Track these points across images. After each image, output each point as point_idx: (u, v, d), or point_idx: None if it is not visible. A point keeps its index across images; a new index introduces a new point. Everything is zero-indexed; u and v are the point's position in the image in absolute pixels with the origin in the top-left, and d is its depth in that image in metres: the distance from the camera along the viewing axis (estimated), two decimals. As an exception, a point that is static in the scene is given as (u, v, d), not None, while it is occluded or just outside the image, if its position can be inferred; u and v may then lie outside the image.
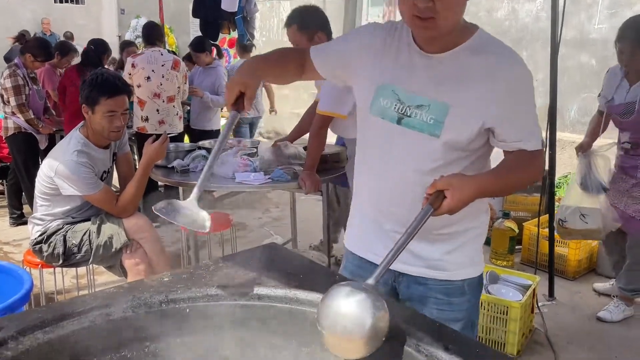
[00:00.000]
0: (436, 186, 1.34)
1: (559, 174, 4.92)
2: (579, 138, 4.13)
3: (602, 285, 4.05)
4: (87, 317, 1.29)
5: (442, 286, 1.65)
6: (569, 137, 6.12)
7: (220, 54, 6.98)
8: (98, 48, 5.70)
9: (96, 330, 1.28)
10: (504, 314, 3.15)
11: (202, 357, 1.36)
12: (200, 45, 5.95)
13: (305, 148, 3.62)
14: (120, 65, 7.06)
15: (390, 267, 1.56)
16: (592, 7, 6.20)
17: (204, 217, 1.46)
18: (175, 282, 1.49)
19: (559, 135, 4.30)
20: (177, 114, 5.34)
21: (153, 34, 5.40)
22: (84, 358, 1.26)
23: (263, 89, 7.21)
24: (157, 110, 5.18)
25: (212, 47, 6.10)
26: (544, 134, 3.53)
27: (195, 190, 1.50)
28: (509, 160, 1.54)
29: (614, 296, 3.78)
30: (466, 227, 1.64)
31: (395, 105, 1.53)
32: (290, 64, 1.72)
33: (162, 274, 1.59)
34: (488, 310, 3.16)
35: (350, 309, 1.14)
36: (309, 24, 3.22)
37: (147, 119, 5.19)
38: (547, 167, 3.89)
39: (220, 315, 1.39)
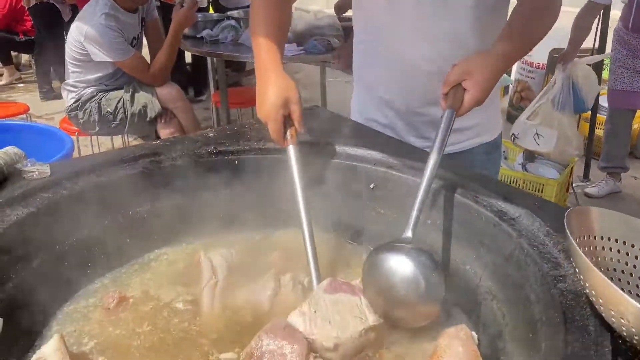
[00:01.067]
0: (450, 80, 1.12)
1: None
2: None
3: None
4: (138, 164, 1.28)
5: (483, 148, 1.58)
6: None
7: None
8: None
9: (148, 177, 1.27)
10: (539, 192, 3.12)
11: (250, 206, 1.36)
12: None
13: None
14: None
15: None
16: None
17: None
18: (221, 137, 1.45)
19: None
20: (203, -16, 5.08)
21: None
22: (136, 202, 1.26)
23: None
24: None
25: None
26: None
27: None
28: (521, 10, 1.30)
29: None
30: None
31: None
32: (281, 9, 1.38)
33: (206, 129, 1.55)
34: (524, 187, 3.14)
35: (398, 280, 0.96)
36: None
37: (174, -12, 4.93)
38: (595, 46, 3.66)
39: (269, 168, 1.37)
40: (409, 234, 1.01)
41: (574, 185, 3.54)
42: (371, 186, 1.33)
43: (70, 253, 1.12)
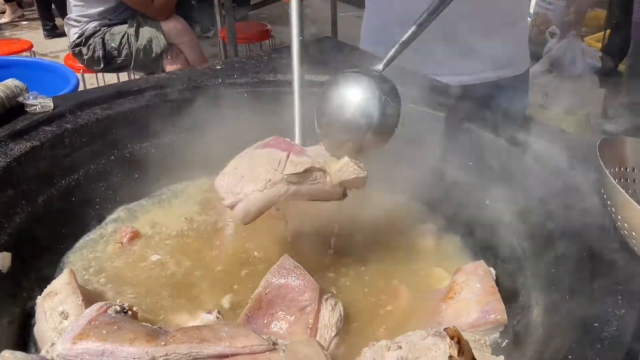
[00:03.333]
0: None
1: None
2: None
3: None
4: (143, 97, 1.23)
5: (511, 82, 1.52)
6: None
7: None
8: None
9: (154, 109, 1.22)
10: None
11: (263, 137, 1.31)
12: None
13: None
14: None
15: (447, 81, 1.38)
16: None
17: None
18: (229, 69, 1.39)
19: None
20: None
21: None
22: (144, 137, 1.22)
23: None
24: None
25: None
26: None
27: None
28: None
29: None
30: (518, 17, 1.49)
31: None
32: None
33: (214, 62, 1.49)
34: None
35: (353, 99, 0.91)
36: None
37: None
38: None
39: (279, 100, 1.31)
40: (379, 66, 0.95)
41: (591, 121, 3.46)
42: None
43: (78, 188, 1.09)
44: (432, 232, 1.08)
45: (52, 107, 1.15)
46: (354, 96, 0.91)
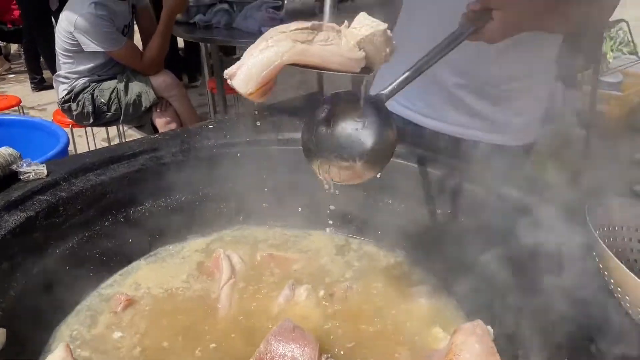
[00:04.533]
0: (485, 2, 1.05)
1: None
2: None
3: None
4: (137, 160, 1.24)
5: (492, 151, 1.50)
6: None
7: None
8: None
9: (148, 173, 1.23)
10: (540, 171, 3.10)
11: (255, 201, 1.32)
12: None
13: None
14: None
15: (440, 130, 1.41)
16: None
17: None
18: (221, 129, 1.41)
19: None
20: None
21: None
22: (138, 201, 1.23)
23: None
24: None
25: None
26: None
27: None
28: None
29: None
30: (529, 86, 1.41)
31: None
32: None
33: (206, 121, 1.51)
34: (525, 166, 3.11)
35: (347, 126, 0.86)
36: None
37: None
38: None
39: (272, 159, 1.34)
40: (386, 92, 0.91)
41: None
42: (377, 175, 1.30)
43: (72, 257, 1.09)
44: (428, 292, 1.09)
45: (46, 174, 1.16)
46: (350, 120, 0.88)
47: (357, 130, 0.88)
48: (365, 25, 0.77)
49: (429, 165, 1.22)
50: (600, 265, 0.75)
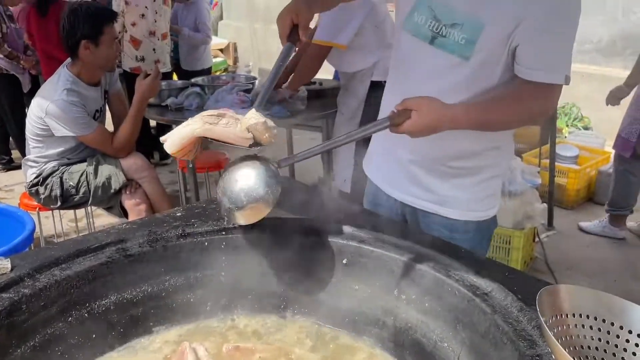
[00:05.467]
0: (406, 104, 1.27)
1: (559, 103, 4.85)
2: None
3: (586, 224, 4.01)
4: (103, 253, 1.24)
5: (446, 222, 1.57)
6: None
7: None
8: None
9: (114, 265, 1.23)
10: (506, 244, 3.18)
11: (224, 289, 1.33)
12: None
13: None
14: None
15: (398, 199, 1.62)
16: None
17: None
18: (190, 216, 1.44)
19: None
20: (168, 52, 5.16)
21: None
22: (103, 294, 1.22)
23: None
24: (154, 50, 4.94)
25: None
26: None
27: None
28: (509, 90, 1.38)
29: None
30: (479, 165, 1.53)
31: (430, 23, 1.41)
32: None
33: (175, 209, 1.54)
34: (492, 240, 3.18)
35: (246, 176, 1.22)
36: None
37: (142, 59, 4.92)
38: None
39: (240, 248, 1.35)
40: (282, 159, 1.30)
41: (539, 234, 3.62)
42: (344, 261, 1.33)
43: (33, 356, 1.06)
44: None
45: (10, 269, 1.15)
46: (246, 174, 1.22)
47: (242, 188, 1.22)
48: (252, 117, 1.16)
49: (394, 251, 1.26)
50: (552, 356, 0.78)
